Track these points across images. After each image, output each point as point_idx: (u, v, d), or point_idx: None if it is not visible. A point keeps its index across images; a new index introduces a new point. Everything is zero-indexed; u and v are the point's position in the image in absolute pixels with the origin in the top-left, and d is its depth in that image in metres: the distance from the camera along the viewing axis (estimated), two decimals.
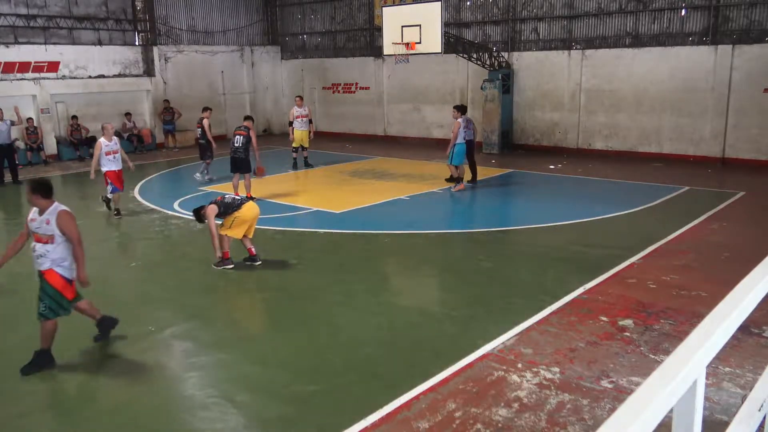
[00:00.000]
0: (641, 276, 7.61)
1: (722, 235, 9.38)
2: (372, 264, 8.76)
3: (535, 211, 11.30)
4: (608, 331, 6.06)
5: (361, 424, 4.53)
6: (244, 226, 8.14)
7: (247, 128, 12.25)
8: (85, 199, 14.24)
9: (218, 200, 8.17)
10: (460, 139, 12.79)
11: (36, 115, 18.10)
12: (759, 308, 2.04)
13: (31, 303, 5.79)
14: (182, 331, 6.49)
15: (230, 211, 8.05)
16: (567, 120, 17.99)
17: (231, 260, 8.23)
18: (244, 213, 8.07)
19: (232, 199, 8.26)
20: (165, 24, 21.75)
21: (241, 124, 12.65)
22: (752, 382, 4.76)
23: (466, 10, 19.79)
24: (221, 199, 8.20)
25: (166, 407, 5.03)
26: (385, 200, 12.49)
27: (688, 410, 1.54)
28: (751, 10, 15.11)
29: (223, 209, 8.05)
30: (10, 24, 18.24)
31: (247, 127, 12.25)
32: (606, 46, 17.14)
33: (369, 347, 5.97)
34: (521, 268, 8.34)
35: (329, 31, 23.50)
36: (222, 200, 8.17)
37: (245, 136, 12.12)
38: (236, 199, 8.28)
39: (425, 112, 20.87)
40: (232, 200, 8.22)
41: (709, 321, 1.63)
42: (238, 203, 8.15)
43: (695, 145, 16.05)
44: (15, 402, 5.08)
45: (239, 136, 12.18)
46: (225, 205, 8.09)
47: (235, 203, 8.14)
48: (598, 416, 4.58)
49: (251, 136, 12.15)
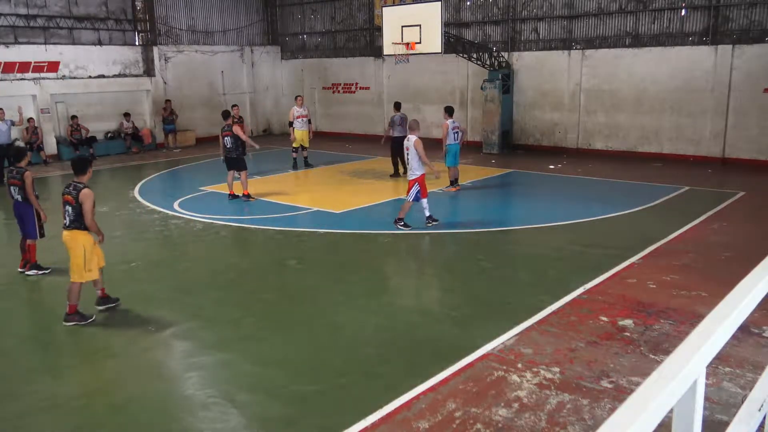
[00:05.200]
0: (641, 276, 7.61)
1: (722, 235, 9.38)
2: (372, 264, 8.75)
3: (535, 211, 11.30)
4: (608, 331, 6.06)
5: (361, 424, 4.53)
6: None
7: (229, 126, 12.14)
8: None
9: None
10: (450, 140, 12.75)
11: (36, 115, 18.09)
12: (759, 308, 2.04)
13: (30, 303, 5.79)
14: (182, 331, 6.49)
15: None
16: (567, 120, 17.99)
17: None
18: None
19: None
20: (165, 24, 21.75)
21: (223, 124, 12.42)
22: (752, 382, 4.76)
23: (466, 10, 19.79)
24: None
25: (166, 407, 5.03)
26: (385, 200, 12.49)
27: (688, 410, 1.54)
28: (751, 10, 15.11)
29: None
30: (10, 24, 18.24)
31: (229, 126, 12.15)
32: (606, 46, 17.14)
33: (369, 347, 5.96)
34: (521, 268, 8.34)
35: (329, 31, 23.51)
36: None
37: (231, 136, 12.06)
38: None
39: (425, 112, 20.86)
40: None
41: (709, 321, 1.63)
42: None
43: (695, 145, 16.05)
44: (15, 402, 5.08)
45: (227, 137, 12.11)
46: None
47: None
48: (598, 416, 4.58)
49: (237, 134, 12.07)
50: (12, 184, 8.09)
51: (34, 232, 8.17)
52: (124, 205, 12.28)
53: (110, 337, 6.28)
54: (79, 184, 6.47)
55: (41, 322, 7.14)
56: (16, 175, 8.03)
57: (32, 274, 8.17)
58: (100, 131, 19.75)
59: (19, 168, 8.05)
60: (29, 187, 7.99)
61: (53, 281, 8.06)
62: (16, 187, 8.05)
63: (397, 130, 14.29)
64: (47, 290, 7.95)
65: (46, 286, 8.01)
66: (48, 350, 6.30)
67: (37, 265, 8.25)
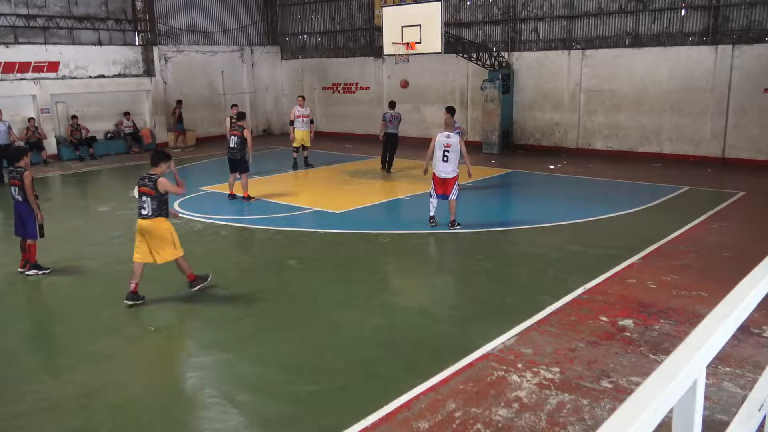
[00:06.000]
0: (641, 276, 7.61)
1: (722, 235, 9.37)
2: (372, 264, 8.75)
3: (535, 211, 11.29)
4: (608, 331, 6.06)
5: (361, 424, 4.53)
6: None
7: (242, 128, 12.21)
8: (85, 199, 14.25)
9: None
10: None
11: (36, 115, 18.09)
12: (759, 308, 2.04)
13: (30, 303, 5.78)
14: (182, 331, 6.49)
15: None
16: (567, 120, 17.99)
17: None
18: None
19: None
20: (165, 24, 21.75)
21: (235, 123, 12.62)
22: (752, 382, 4.76)
23: (466, 10, 19.79)
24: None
25: (166, 407, 5.03)
26: (385, 200, 12.48)
27: (688, 410, 1.54)
28: (751, 10, 15.11)
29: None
30: (10, 24, 18.23)
31: (241, 127, 12.22)
32: (606, 46, 17.14)
33: (369, 347, 5.96)
34: (521, 268, 8.34)
35: (329, 31, 23.51)
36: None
37: (239, 136, 12.10)
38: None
39: (425, 112, 20.86)
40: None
41: (709, 321, 1.63)
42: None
43: (695, 145, 16.05)
44: (15, 402, 5.07)
45: (234, 136, 12.15)
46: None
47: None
48: (598, 416, 4.58)
49: (246, 136, 12.12)
50: (12, 184, 8.10)
51: (35, 232, 8.17)
52: (124, 205, 12.27)
53: (110, 337, 6.27)
54: (153, 176, 7.00)
55: (41, 322, 7.14)
56: (16, 175, 8.03)
57: (32, 274, 8.17)
58: (100, 131, 19.75)
59: (19, 168, 8.06)
60: (29, 187, 7.99)
61: (53, 281, 8.06)
62: (16, 187, 8.05)
63: (388, 126, 15.13)
64: (47, 290, 7.95)
65: (46, 286, 8.01)
66: (48, 350, 6.30)
67: (37, 265, 8.25)
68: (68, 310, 7.24)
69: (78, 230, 10.82)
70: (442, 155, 9.70)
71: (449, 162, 9.71)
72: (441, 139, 9.75)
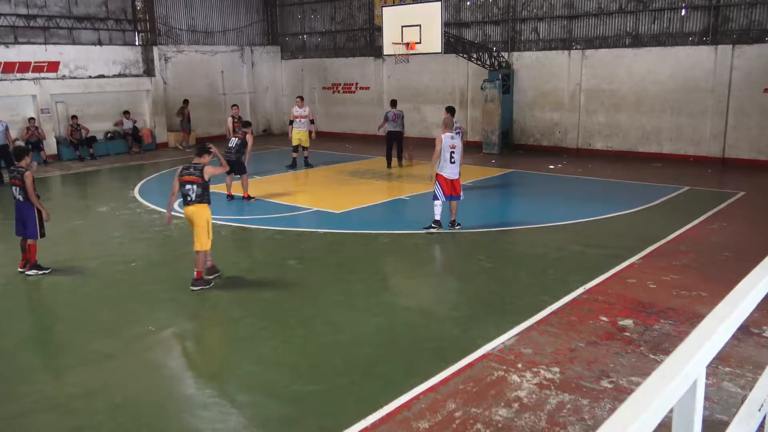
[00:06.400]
0: (641, 276, 7.61)
1: (722, 235, 9.38)
2: (372, 264, 8.75)
3: (535, 211, 11.29)
4: (608, 331, 6.06)
5: (361, 424, 4.53)
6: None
7: (245, 134, 12.37)
8: (85, 199, 14.25)
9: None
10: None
11: (36, 115, 18.09)
12: (759, 308, 2.04)
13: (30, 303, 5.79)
14: (182, 331, 6.49)
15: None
16: (567, 120, 17.99)
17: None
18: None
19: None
20: (165, 24, 21.75)
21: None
22: (752, 382, 4.76)
23: (466, 10, 19.79)
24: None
25: (166, 407, 5.03)
26: (385, 200, 12.48)
27: (688, 410, 1.54)
28: (751, 10, 15.11)
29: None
30: (10, 24, 18.23)
31: (244, 133, 12.39)
32: (606, 46, 17.14)
33: (369, 347, 5.96)
34: (521, 268, 8.33)
35: (329, 31, 23.51)
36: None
37: (241, 139, 12.23)
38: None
39: (425, 112, 20.87)
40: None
41: (709, 321, 1.63)
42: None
43: (695, 145, 16.05)
44: (15, 402, 5.08)
45: (236, 138, 12.31)
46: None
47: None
48: (598, 416, 4.58)
49: (247, 141, 12.27)
50: (13, 184, 8.11)
51: (35, 232, 8.17)
52: (124, 205, 12.28)
53: (110, 337, 6.28)
54: (198, 164, 7.59)
55: (41, 322, 7.15)
56: (17, 175, 8.04)
57: (32, 274, 8.17)
58: (100, 131, 19.74)
59: (20, 168, 8.06)
60: (29, 187, 7.99)
61: (53, 281, 8.06)
62: (17, 187, 8.06)
63: (391, 125, 15.36)
64: (47, 290, 7.94)
65: (46, 286, 8.01)
66: (48, 350, 6.30)
67: (37, 265, 8.24)
68: (68, 310, 7.24)
69: (78, 230, 10.82)
70: (449, 157, 9.69)
71: (456, 163, 9.73)
72: (447, 141, 9.70)
